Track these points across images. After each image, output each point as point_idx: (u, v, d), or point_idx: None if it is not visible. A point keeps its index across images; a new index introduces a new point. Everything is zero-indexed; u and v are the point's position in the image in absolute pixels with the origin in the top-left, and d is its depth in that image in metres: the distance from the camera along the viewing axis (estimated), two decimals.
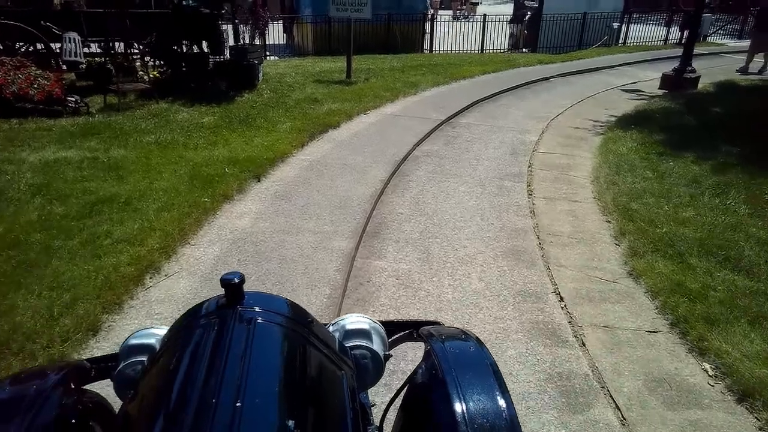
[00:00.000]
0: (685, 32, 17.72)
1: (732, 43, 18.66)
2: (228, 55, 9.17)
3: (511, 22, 16.17)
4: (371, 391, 1.43)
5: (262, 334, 1.00)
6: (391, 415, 1.38)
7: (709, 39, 18.63)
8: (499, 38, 16.43)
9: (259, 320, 1.02)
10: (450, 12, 26.49)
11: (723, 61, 14.90)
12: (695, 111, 8.21)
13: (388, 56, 13.59)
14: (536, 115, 8.45)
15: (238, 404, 0.81)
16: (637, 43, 17.59)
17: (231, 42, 9.92)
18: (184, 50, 8.68)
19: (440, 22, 14.69)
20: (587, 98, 9.80)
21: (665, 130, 7.07)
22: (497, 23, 16.06)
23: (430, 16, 15.15)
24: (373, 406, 1.42)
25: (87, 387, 1.27)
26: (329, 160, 5.80)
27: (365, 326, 1.32)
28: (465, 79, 10.91)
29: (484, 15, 15.17)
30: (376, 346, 1.30)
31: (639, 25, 17.72)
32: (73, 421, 1.10)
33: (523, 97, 9.78)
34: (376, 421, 1.36)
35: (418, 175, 5.60)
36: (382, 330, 1.35)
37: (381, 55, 13.70)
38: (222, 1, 8.77)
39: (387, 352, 1.33)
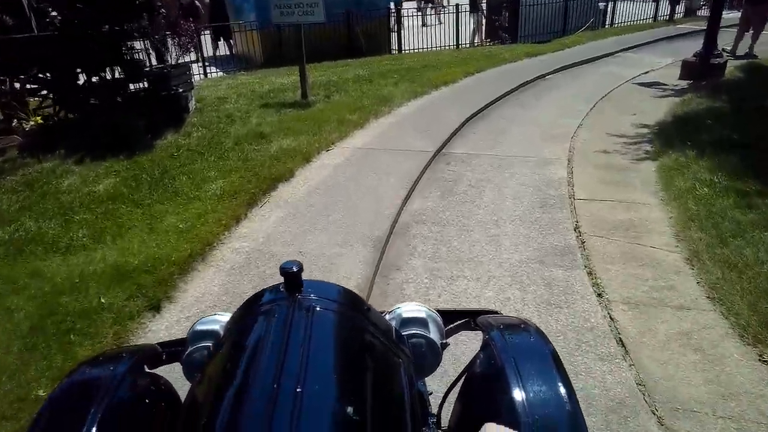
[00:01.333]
0: (677, 7, 16.13)
1: (725, 14, 17.05)
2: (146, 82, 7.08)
3: (472, 11, 14.30)
4: (429, 380, 1.35)
5: (320, 321, 1.01)
6: (449, 404, 1.30)
7: (700, 13, 17.02)
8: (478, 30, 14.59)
9: (318, 308, 1.03)
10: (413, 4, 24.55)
11: (721, 37, 13.25)
12: (754, 110, 6.41)
13: (351, 62, 11.58)
14: (550, 132, 6.57)
15: (298, 390, 0.82)
16: (625, 23, 15.88)
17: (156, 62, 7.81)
18: (90, 80, 6.58)
19: (408, 16, 12.76)
20: (602, 100, 7.97)
21: (736, 145, 5.24)
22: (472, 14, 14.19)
23: (395, 11, 13.14)
24: (431, 394, 1.39)
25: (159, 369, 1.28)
26: (275, 247, 3.82)
27: (422, 314, 1.28)
28: (446, 86, 8.98)
29: (457, 5, 13.27)
30: (433, 334, 1.26)
31: (625, 3, 16.01)
32: (147, 401, 1.14)
33: (523, 105, 7.91)
34: (434, 410, 1.33)
35: (413, 268, 3.61)
36: (438, 318, 1.31)
37: (344, 62, 11.68)
38: (126, 13, 6.63)
39: (444, 341, 1.28)
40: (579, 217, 4.17)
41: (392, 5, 13.74)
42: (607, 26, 15.67)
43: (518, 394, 1.03)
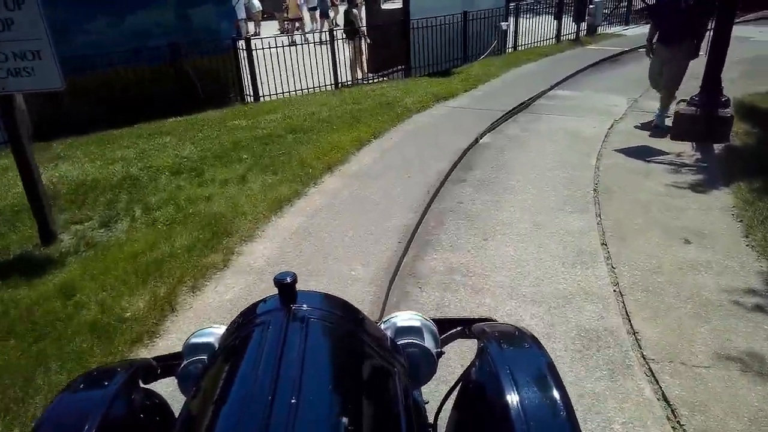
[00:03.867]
0: (582, 25, 13.94)
1: (629, 31, 15.30)
2: None
3: (348, 37, 10.85)
4: (425, 390, 1.35)
5: (315, 331, 1.01)
6: (445, 413, 1.29)
7: (601, 30, 15.10)
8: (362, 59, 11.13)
9: (312, 318, 1.03)
10: (273, 28, 20.67)
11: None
12: None
13: (179, 125, 7.53)
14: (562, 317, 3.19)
15: (293, 401, 0.81)
16: (530, 44, 13.37)
17: None
18: None
19: (264, 48, 8.87)
20: (604, 199, 4.78)
21: None
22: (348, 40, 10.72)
23: (244, 40, 9.21)
24: (426, 403, 1.36)
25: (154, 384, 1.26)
26: None
27: (416, 323, 1.27)
28: (330, 174, 5.37)
29: (331, 30, 9.70)
30: (428, 343, 1.24)
31: (524, 19, 13.50)
32: (141, 416, 1.13)
33: (470, 217, 4.49)
34: (430, 419, 1.32)
35: None
36: (433, 327, 1.29)
37: (168, 124, 7.60)
38: None
39: (439, 350, 1.27)
40: None
41: (246, 31, 9.82)
42: (510, 49, 13.04)
43: (514, 403, 1.00)
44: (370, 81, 10.63)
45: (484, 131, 6.64)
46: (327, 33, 9.67)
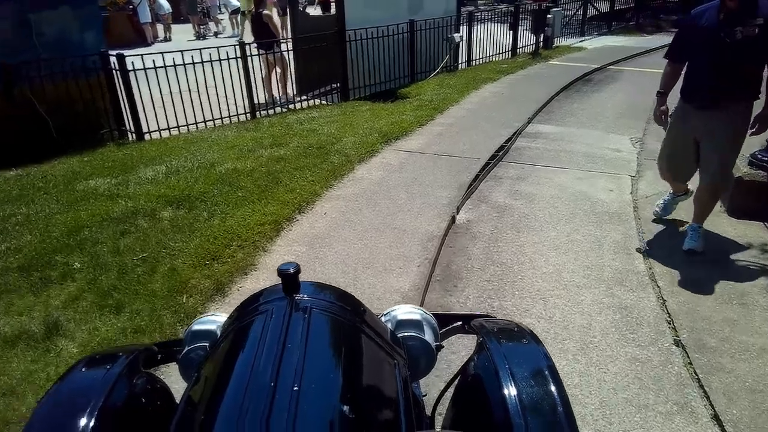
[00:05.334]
0: (542, 36, 12.30)
1: (587, 43, 13.82)
2: None
3: (262, 49, 8.55)
4: (422, 382, 1.36)
5: (317, 321, 1.02)
6: (442, 407, 1.33)
7: (558, 41, 13.54)
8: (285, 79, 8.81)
9: (315, 309, 1.04)
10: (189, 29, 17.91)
11: (617, 83, 9.44)
12: None
13: (8, 186, 5.02)
14: None
15: (295, 388, 0.82)
16: (485, 58, 11.54)
17: None
18: None
19: (145, 69, 6.34)
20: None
21: None
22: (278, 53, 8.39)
23: (117, 63, 6.63)
24: (425, 395, 1.41)
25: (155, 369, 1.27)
26: None
27: (417, 317, 1.29)
28: (222, 302, 3.12)
29: (242, 44, 7.37)
30: (428, 336, 1.27)
31: (477, 29, 11.64)
32: (143, 400, 1.14)
33: None
34: (428, 411, 1.37)
35: None
36: (433, 321, 1.32)
37: None
38: None
39: (438, 343, 1.29)
40: None
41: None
42: (462, 63, 11.14)
43: (511, 397, 1.01)
44: (296, 106, 8.37)
45: (460, 201, 4.56)
46: (238, 46, 7.32)
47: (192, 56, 6.75)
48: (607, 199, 4.64)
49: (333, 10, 9.82)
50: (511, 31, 12.34)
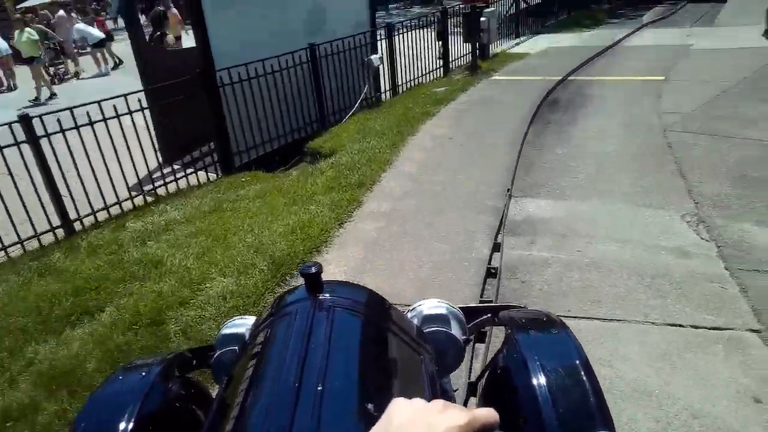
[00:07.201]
0: (476, 44, 9.94)
1: (526, 45, 11.63)
2: None
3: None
4: (453, 377, 1.35)
5: (341, 320, 1.01)
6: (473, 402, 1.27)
7: (494, 47, 11.29)
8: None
9: (338, 308, 1.03)
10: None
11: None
12: None
13: None
14: None
15: (318, 388, 0.82)
16: (413, 80, 9.02)
17: None
18: None
19: None
20: None
21: None
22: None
23: None
24: (455, 391, 1.38)
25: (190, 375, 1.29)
26: None
27: (443, 311, 1.26)
28: None
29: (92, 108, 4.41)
30: (455, 330, 1.24)
31: (399, 42, 9.07)
32: (178, 405, 1.18)
33: None
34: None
35: None
36: (460, 314, 1.29)
37: None
38: None
39: (466, 337, 1.27)
40: None
41: None
42: (386, 92, 8.56)
43: (542, 390, 1.00)
44: (162, 190, 5.47)
45: None
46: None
47: None
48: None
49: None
50: (440, 41, 9.93)
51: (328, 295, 1.05)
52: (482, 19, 9.75)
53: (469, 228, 3.91)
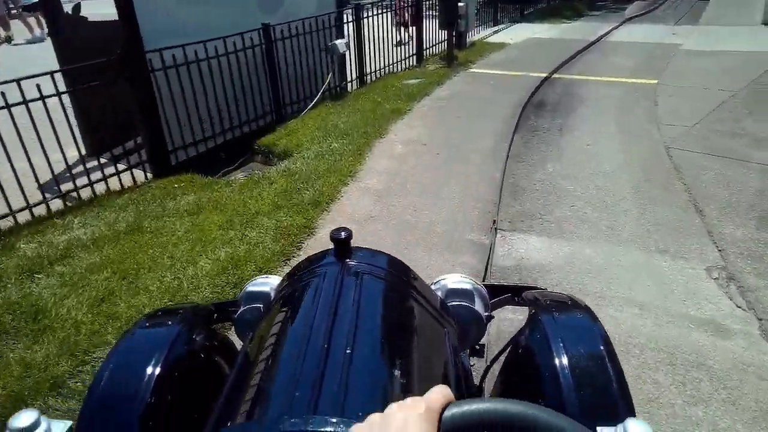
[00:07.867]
0: (453, 32, 9.10)
1: (505, 34, 10.83)
2: None
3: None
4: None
5: (369, 286, 1.01)
6: (491, 378, 1.26)
7: (472, 36, 10.46)
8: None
9: (366, 274, 1.03)
10: None
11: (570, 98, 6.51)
12: None
13: None
14: None
15: (348, 351, 0.80)
16: (382, 69, 8.11)
17: None
18: None
19: None
20: None
21: None
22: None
23: None
24: (473, 365, 1.37)
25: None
26: None
27: (467, 286, 1.24)
28: None
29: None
30: (478, 306, 1.23)
31: (369, 25, 8.14)
32: (203, 355, 1.16)
33: None
34: (476, 381, 1.33)
35: None
36: (484, 291, 1.27)
37: None
38: None
39: (488, 314, 1.25)
40: None
41: None
42: (353, 81, 7.63)
43: (564, 372, 0.96)
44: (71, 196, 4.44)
45: None
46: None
47: None
48: None
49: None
50: (413, 27, 9.03)
51: (356, 261, 1.04)
52: (460, 4, 8.86)
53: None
